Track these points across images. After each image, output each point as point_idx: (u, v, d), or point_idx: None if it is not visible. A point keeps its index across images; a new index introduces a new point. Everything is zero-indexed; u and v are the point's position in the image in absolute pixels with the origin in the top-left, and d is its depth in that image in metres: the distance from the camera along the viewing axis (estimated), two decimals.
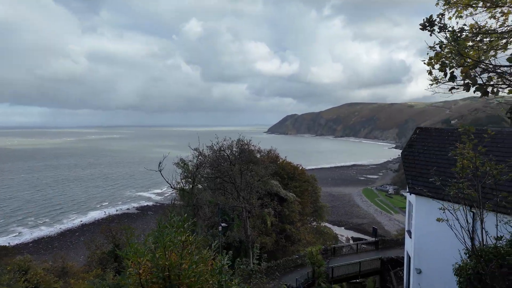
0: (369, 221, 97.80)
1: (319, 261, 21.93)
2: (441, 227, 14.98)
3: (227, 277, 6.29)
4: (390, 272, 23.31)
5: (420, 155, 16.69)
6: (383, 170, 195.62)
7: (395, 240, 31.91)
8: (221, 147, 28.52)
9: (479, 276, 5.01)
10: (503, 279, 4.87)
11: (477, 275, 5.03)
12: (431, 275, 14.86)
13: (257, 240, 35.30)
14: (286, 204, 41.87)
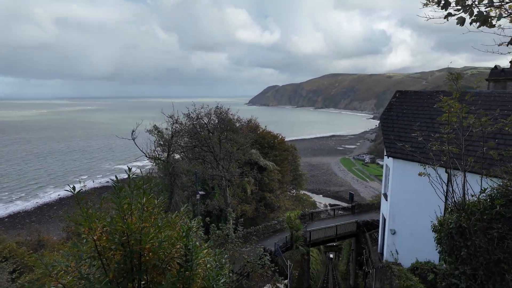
0: (346, 188, 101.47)
1: (297, 226, 22.33)
2: (416, 189, 15.26)
3: (195, 241, 5.86)
4: (365, 234, 24.23)
5: (399, 118, 16.61)
6: (361, 140, 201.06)
7: (370, 204, 33.14)
8: (199, 114, 27.46)
9: (461, 230, 4.79)
10: (484, 233, 4.66)
11: (459, 229, 4.81)
12: (405, 235, 15.37)
13: (237, 208, 35.64)
14: (266, 173, 42.09)
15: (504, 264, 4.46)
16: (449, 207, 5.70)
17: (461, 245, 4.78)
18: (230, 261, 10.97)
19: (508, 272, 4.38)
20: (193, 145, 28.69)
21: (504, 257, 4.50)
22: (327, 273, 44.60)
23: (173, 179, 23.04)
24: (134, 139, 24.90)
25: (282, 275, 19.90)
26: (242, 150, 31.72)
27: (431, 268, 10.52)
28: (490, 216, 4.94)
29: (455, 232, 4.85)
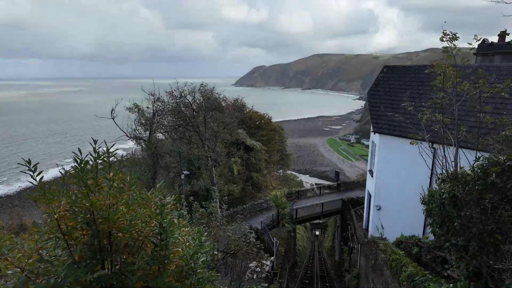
0: (332, 168, 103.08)
1: (283, 204, 22.32)
2: (402, 165, 15.23)
3: (170, 218, 5.42)
4: (350, 211, 24.56)
5: (386, 94, 16.32)
6: (347, 121, 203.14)
7: (355, 182, 33.58)
8: (182, 93, 26.40)
9: (454, 200, 4.50)
10: (477, 203, 4.38)
11: (452, 199, 4.51)
12: (390, 210, 15.47)
13: (224, 188, 35.43)
14: (253, 153, 41.79)
15: (497, 235, 4.22)
16: (441, 177, 5.41)
17: (454, 216, 4.51)
18: (214, 239, 10.68)
19: (502, 242, 4.13)
20: (177, 124, 27.79)
21: (497, 228, 4.26)
22: (313, 249, 45.77)
23: (156, 159, 22.33)
24: (113, 118, 23.82)
25: (268, 252, 20.00)
26: (228, 129, 31.07)
27: (416, 242, 10.55)
28: (482, 186, 4.67)
29: (447, 203, 4.56)
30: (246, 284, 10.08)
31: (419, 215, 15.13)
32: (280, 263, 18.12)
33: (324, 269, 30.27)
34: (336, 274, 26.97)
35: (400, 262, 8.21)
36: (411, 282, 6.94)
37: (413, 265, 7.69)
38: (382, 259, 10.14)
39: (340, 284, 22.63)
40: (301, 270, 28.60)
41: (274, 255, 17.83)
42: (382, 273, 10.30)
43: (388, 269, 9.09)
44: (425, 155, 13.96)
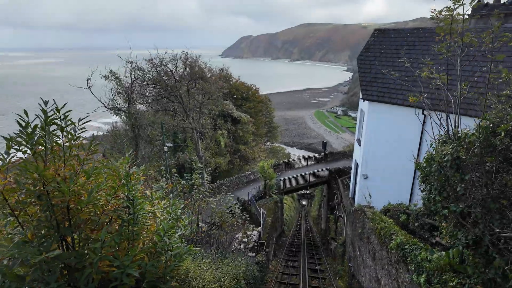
0: (319, 140, 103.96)
1: (270, 175, 22.06)
2: (391, 133, 14.87)
3: (137, 189, 4.78)
4: (337, 180, 24.63)
5: (376, 59, 15.59)
6: (334, 93, 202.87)
7: (342, 153, 33.64)
8: (162, 60, 24.83)
9: (457, 163, 3.99)
10: (481, 166, 3.87)
11: (455, 161, 4.00)
12: (377, 179, 15.35)
13: (211, 161, 34.90)
14: (240, 125, 40.99)
15: (503, 200, 3.76)
16: (441, 139, 4.89)
17: (456, 180, 4.03)
18: (197, 212, 10.20)
19: (508, 208, 3.69)
20: (158, 94, 26.43)
21: (502, 192, 3.80)
22: (300, 218, 46.86)
23: (137, 131, 21.30)
24: (90, 87, 22.32)
25: (255, 223, 19.96)
26: (214, 100, 29.94)
27: (403, 210, 10.39)
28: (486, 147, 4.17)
29: (449, 166, 4.05)
30: (231, 256, 9.77)
31: (406, 183, 15.08)
32: (267, 233, 18.12)
33: (311, 237, 31.00)
34: (322, 242, 27.62)
35: (388, 230, 7.97)
36: (400, 250, 6.68)
37: (402, 233, 7.45)
38: (369, 227, 9.97)
39: (326, 252, 23.14)
40: (288, 239, 29.15)
41: (261, 226, 17.76)
42: (369, 241, 10.18)
43: (376, 237, 8.90)
44: (416, 122, 13.58)
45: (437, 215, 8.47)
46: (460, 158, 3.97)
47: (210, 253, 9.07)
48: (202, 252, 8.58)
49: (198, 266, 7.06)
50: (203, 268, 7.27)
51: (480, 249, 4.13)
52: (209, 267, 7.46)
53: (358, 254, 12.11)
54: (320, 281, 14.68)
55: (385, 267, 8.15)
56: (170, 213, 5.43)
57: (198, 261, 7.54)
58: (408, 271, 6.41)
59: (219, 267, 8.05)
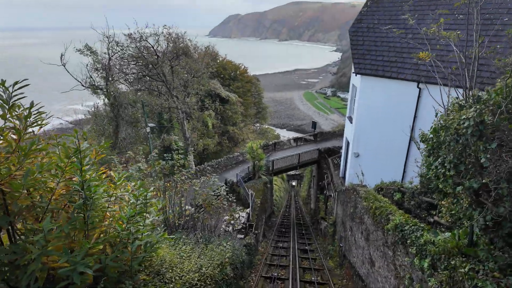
0: (308, 122, 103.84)
1: (259, 155, 21.37)
2: (385, 109, 14.17)
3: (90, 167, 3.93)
4: (327, 159, 24.21)
5: (370, 30, 14.67)
6: (323, 74, 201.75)
7: (332, 132, 33.16)
8: (143, 35, 23.17)
9: (480, 129, 3.25)
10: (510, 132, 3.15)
11: (478, 127, 3.26)
12: (369, 158, 14.84)
13: (198, 143, 33.91)
14: (228, 105, 39.80)
15: None
16: (456, 104, 4.14)
17: (479, 150, 3.32)
18: (179, 194, 9.42)
19: None
20: (140, 72, 24.92)
21: None
22: (290, 199, 46.97)
23: (117, 111, 20.03)
24: (64, 64, 20.72)
25: (244, 205, 19.43)
26: (199, 78, 28.58)
27: (398, 188, 9.88)
28: None
29: (470, 133, 3.33)
30: (216, 239, 9.13)
31: (398, 161, 14.61)
32: (256, 215, 17.64)
33: (300, 217, 30.96)
34: (312, 221, 27.55)
35: (385, 210, 7.40)
36: (399, 232, 6.10)
37: (400, 213, 6.88)
38: (363, 207, 9.43)
39: (316, 231, 23.00)
40: (278, 219, 28.98)
41: (249, 207, 17.22)
42: (362, 221, 9.68)
43: (370, 217, 8.36)
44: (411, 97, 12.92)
45: (435, 193, 7.95)
46: (484, 123, 3.24)
47: (194, 238, 8.41)
48: (183, 238, 7.91)
49: (177, 254, 6.37)
50: (183, 256, 6.60)
51: (501, 231, 3.50)
52: (190, 255, 6.79)
53: (350, 235, 11.70)
54: (311, 262, 14.36)
55: (380, 249, 7.65)
56: (137, 197, 4.63)
57: (178, 248, 6.85)
58: (408, 254, 5.86)
59: (202, 253, 7.40)
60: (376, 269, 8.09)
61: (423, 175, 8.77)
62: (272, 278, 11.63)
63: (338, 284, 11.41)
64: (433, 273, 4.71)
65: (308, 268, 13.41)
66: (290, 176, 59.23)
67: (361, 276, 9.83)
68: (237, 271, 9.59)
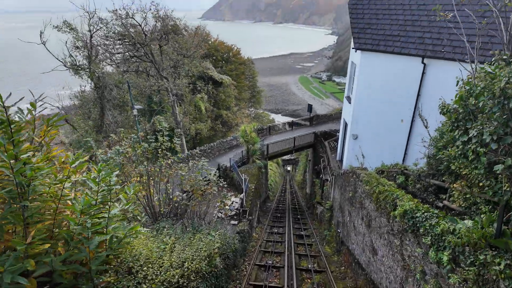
0: (304, 107, 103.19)
1: (253, 139, 20.53)
2: (385, 87, 13.27)
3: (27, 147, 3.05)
4: (323, 143, 23.50)
5: (371, 2, 13.61)
6: (319, 58, 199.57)
7: (328, 115, 32.33)
8: (128, 12, 21.68)
9: None
10: None
11: None
12: (368, 139, 14.07)
13: (190, 127, 32.88)
14: (221, 88, 38.52)
15: None
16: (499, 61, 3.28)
17: None
18: (164, 179, 8.58)
19: None
20: (126, 52, 23.54)
21: None
22: (285, 183, 46.58)
23: (101, 92, 18.84)
24: (44, 43, 19.32)
25: (238, 190, 18.75)
26: (190, 58, 27.25)
27: (401, 170, 9.17)
28: None
29: None
30: (206, 227, 8.39)
31: (399, 143, 13.88)
32: (250, 200, 16.99)
33: (296, 202, 30.55)
34: (307, 206, 27.13)
35: (390, 194, 6.66)
36: (410, 219, 5.38)
37: (408, 197, 6.14)
38: (364, 191, 8.72)
39: (311, 216, 22.54)
40: (273, 204, 28.51)
41: (243, 192, 16.53)
42: (362, 207, 9.00)
43: (373, 202, 7.65)
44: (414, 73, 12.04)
45: (446, 175, 7.23)
46: None
47: (181, 227, 7.67)
48: (167, 228, 7.13)
49: (157, 247, 5.60)
50: (165, 249, 5.84)
51: None
52: (174, 247, 6.03)
53: (348, 220, 11.07)
54: (307, 248, 13.83)
55: (384, 237, 6.97)
56: (97, 184, 3.78)
57: (160, 240, 6.07)
58: (419, 244, 5.16)
59: (189, 244, 6.65)
60: (379, 258, 7.45)
61: (431, 156, 8.05)
62: (267, 266, 11.04)
63: (336, 271, 10.87)
64: (454, 269, 3.99)
65: (304, 254, 12.87)
66: (285, 161, 58.78)
67: (361, 264, 9.25)
68: (228, 261, 8.93)
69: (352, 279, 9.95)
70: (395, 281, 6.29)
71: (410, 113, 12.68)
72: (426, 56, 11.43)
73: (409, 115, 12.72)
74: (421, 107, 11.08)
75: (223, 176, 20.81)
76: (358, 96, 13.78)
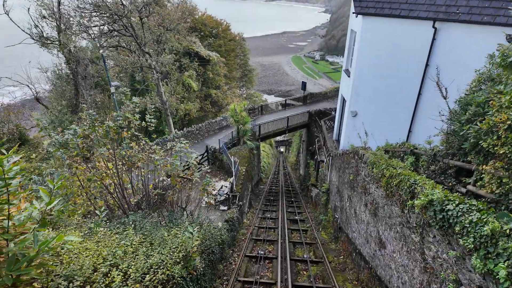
0: (297, 87, 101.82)
1: (243, 119, 19.09)
2: (388, 58, 11.80)
3: None
4: (318, 122, 22.25)
5: None
6: (312, 36, 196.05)
7: (323, 94, 30.86)
8: None
9: None
10: None
11: None
12: (368, 117, 12.79)
13: (178, 108, 31.16)
14: (209, 66, 36.44)
15: None
16: None
17: None
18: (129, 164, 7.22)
19: None
20: (103, 25, 21.35)
21: None
22: (278, 164, 45.65)
23: (74, 67, 16.97)
24: (7, 12, 17.18)
25: (228, 173, 17.52)
26: (174, 32, 25.15)
27: (411, 149, 7.99)
28: None
29: None
30: (186, 219, 7.18)
31: (403, 120, 12.66)
32: (241, 184, 15.80)
33: (289, 183, 29.63)
34: (301, 188, 26.22)
35: (406, 179, 5.45)
36: (437, 212, 4.18)
37: (431, 184, 4.92)
38: (368, 174, 7.55)
39: (306, 199, 21.63)
40: (265, 187, 27.54)
41: (233, 176, 15.30)
42: (366, 192, 7.85)
43: (381, 188, 6.47)
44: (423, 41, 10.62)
45: (472, 155, 6.02)
46: None
47: (152, 221, 6.41)
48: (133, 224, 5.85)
49: (113, 252, 4.36)
50: (128, 253, 4.59)
51: None
52: (137, 252, 4.79)
53: (348, 206, 9.98)
54: (301, 234, 12.83)
55: (396, 229, 5.84)
56: None
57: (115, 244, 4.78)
58: (450, 244, 3.99)
59: (159, 244, 5.41)
60: (388, 252, 6.36)
61: (450, 132, 6.83)
62: (258, 257, 9.98)
63: (334, 262, 9.89)
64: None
65: (299, 242, 11.86)
66: (279, 142, 57.66)
67: (364, 256, 8.22)
68: (214, 256, 7.79)
69: (353, 271, 8.97)
70: (411, 284, 5.20)
71: (416, 86, 11.38)
72: (438, 19, 10.00)
73: (416, 87, 11.42)
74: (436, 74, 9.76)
75: (212, 158, 19.52)
76: (359, 68, 12.36)
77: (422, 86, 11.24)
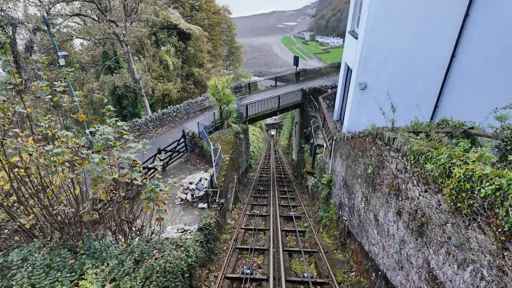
0: (287, 69, 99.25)
1: (227, 97, 16.13)
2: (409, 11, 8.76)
3: None
4: (314, 101, 19.51)
5: None
6: (302, 16, 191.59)
7: (317, 70, 27.89)
8: None
9: None
10: None
11: None
12: (381, 90, 10.03)
13: (155, 87, 27.78)
14: (191, 42, 32.78)
15: None
16: None
17: None
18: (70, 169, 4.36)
19: None
20: None
21: None
22: (269, 149, 43.09)
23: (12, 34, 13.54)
24: None
25: (209, 162, 14.76)
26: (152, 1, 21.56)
27: (464, 130, 5.37)
28: None
29: None
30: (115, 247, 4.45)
31: (426, 92, 9.96)
32: (223, 176, 13.08)
33: (281, 170, 27.14)
34: (295, 175, 23.75)
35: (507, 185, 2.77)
36: None
37: None
38: (406, 169, 4.89)
39: (300, 188, 19.16)
40: (255, 174, 24.99)
41: (214, 167, 12.53)
42: (400, 195, 5.22)
43: (445, 196, 3.81)
44: None
45: None
46: None
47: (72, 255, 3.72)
48: None
49: None
50: None
51: None
52: None
53: (363, 207, 7.39)
54: (298, 238, 10.30)
55: (479, 268, 3.23)
56: None
57: None
58: None
59: None
60: None
61: None
62: (243, 279, 7.40)
63: (345, 282, 7.39)
64: None
65: (297, 251, 9.31)
66: (269, 125, 54.89)
67: (391, 282, 5.71)
68: (188, 273, 5.16)
69: None
70: None
71: (449, 46, 8.64)
72: None
73: (448, 48, 8.68)
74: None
75: (190, 145, 16.67)
76: (370, 26, 9.49)
77: (458, 44, 8.50)
